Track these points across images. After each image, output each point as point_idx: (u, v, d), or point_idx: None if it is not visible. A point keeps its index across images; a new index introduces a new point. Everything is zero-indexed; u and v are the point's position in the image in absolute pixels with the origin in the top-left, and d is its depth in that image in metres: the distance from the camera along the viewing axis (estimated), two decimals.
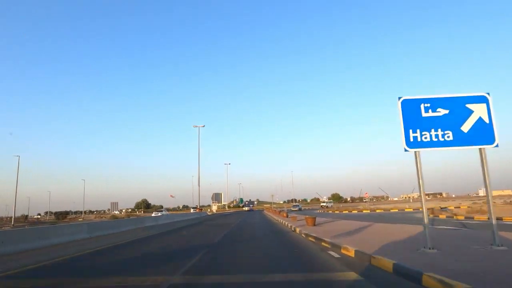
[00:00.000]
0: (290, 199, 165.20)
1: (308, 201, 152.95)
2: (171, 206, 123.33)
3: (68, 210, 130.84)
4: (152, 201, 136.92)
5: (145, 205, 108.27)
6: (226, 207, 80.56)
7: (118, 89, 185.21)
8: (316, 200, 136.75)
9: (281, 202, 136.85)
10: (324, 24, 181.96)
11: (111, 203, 77.23)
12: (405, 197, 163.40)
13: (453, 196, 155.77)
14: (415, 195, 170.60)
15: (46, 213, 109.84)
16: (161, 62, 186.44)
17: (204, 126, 43.09)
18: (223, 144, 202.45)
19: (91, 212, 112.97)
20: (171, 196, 71.05)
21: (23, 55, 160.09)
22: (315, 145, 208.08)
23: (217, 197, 56.92)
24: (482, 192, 62.64)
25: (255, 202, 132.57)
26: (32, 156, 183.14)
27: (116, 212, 78.78)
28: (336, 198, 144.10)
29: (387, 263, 5.77)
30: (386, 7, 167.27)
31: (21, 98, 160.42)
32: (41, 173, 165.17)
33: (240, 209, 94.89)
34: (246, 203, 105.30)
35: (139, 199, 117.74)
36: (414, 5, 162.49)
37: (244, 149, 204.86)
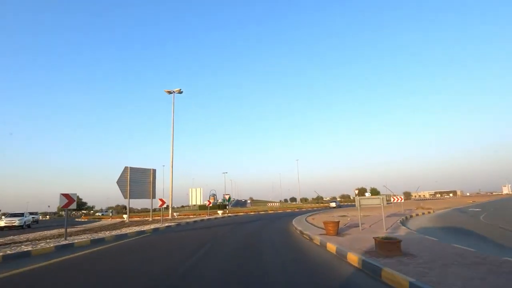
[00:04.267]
0: (290, 197, 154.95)
1: (309, 199, 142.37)
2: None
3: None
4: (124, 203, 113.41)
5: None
6: (171, 212, 34.30)
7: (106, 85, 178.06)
8: (320, 199, 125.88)
9: (277, 201, 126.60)
10: (319, 19, 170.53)
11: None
12: (414, 196, 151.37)
13: (468, 194, 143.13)
14: (426, 193, 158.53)
15: None
16: (159, 61, 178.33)
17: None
18: (212, 139, 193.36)
19: (58, 214, 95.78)
20: None
21: None
22: (313, 144, 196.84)
23: (135, 180, 24.74)
24: (506, 189, 50.91)
25: (249, 201, 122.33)
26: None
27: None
28: (363, 194, 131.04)
29: None
30: None
31: None
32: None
33: (223, 215, 36.39)
34: (233, 201, 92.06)
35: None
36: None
37: (233, 144, 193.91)
